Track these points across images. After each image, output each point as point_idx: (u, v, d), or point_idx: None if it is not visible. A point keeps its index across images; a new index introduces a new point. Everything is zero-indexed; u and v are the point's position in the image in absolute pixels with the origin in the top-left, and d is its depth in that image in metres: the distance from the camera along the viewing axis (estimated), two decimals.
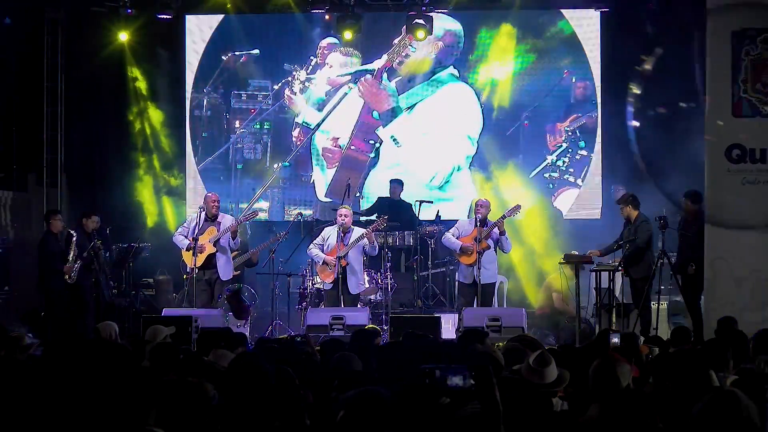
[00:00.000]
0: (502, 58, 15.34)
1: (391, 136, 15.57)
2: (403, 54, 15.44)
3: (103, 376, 5.02)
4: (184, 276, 13.55)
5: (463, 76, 15.50)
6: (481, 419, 3.99)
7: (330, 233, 12.25)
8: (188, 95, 15.81)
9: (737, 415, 3.60)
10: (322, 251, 12.15)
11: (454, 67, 15.50)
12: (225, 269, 12.03)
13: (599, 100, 15.18)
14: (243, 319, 12.55)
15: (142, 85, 15.66)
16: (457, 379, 4.15)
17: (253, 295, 13.96)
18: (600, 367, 4.84)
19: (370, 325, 9.83)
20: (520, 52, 15.34)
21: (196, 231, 12.00)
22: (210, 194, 12.38)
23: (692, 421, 3.80)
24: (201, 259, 11.88)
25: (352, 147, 15.66)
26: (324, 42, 15.68)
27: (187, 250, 11.99)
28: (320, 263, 12.18)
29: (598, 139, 15.20)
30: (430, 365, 4.24)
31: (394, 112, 15.62)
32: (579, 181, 15.35)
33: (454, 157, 15.46)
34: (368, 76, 15.61)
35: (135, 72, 15.62)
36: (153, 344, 7.13)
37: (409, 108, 15.60)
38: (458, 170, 15.46)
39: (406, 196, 14.73)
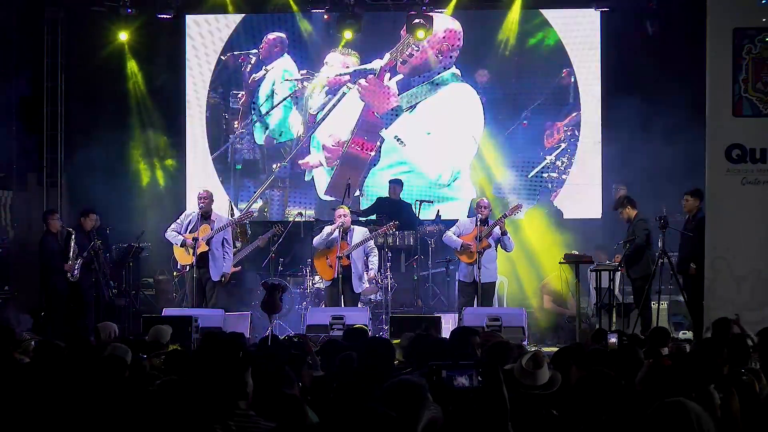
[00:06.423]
0: (503, 58, 15.32)
1: (395, 136, 15.56)
2: (407, 53, 15.43)
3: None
4: (175, 273, 13.58)
5: (465, 76, 15.48)
6: (488, 418, 3.97)
7: (329, 231, 12.21)
8: (187, 95, 15.82)
9: (683, 426, 3.54)
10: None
11: (456, 67, 15.49)
12: (216, 269, 12.00)
13: (599, 100, 15.17)
14: (267, 313, 12.41)
15: (141, 84, 15.66)
16: (463, 379, 4.13)
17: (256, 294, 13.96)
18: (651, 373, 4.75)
19: (358, 325, 9.81)
20: (519, 52, 15.32)
21: (189, 229, 12.00)
22: (201, 191, 12.43)
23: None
24: (193, 258, 11.89)
25: (353, 145, 15.65)
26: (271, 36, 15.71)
27: (181, 245, 11.99)
28: (327, 246, 12.08)
29: (598, 138, 15.19)
30: (438, 362, 4.22)
31: (395, 112, 15.61)
32: (578, 181, 15.33)
33: (459, 155, 15.45)
34: (370, 75, 15.60)
35: (135, 72, 15.62)
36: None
37: (410, 108, 15.59)
38: (461, 170, 15.46)
39: (413, 194, 14.76)
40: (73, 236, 12.84)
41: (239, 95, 15.86)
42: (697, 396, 4.43)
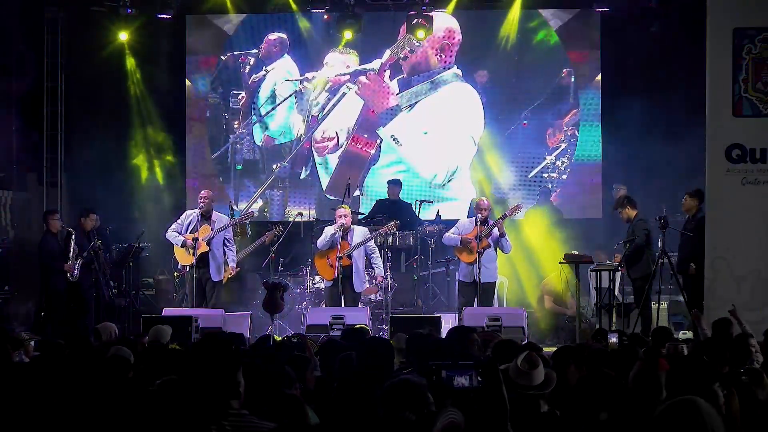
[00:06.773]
0: (503, 58, 15.32)
1: (392, 135, 15.56)
2: (408, 49, 15.40)
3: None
4: (175, 273, 13.57)
5: (465, 76, 15.47)
6: (488, 418, 3.97)
7: (332, 232, 12.21)
8: (187, 95, 15.81)
9: (695, 424, 3.54)
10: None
11: (457, 67, 15.48)
12: (217, 269, 11.99)
13: (599, 100, 15.18)
14: (269, 313, 12.36)
15: (141, 84, 15.66)
16: (463, 379, 4.12)
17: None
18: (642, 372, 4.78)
19: (359, 325, 9.82)
20: (520, 52, 15.33)
21: (189, 229, 12.00)
22: (202, 191, 12.44)
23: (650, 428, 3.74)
24: (193, 258, 11.88)
25: (353, 143, 15.64)
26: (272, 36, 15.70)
27: (181, 246, 11.99)
28: (330, 247, 12.06)
29: (598, 138, 15.19)
30: (438, 362, 4.21)
31: (393, 111, 15.60)
32: (578, 181, 15.33)
33: (455, 156, 15.45)
34: (370, 72, 15.58)
35: (135, 72, 15.62)
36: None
37: (409, 106, 15.58)
38: (460, 170, 15.44)
39: (408, 194, 14.75)
40: (73, 236, 12.85)
41: (239, 95, 15.86)
42: (700, 395, 4.43)
